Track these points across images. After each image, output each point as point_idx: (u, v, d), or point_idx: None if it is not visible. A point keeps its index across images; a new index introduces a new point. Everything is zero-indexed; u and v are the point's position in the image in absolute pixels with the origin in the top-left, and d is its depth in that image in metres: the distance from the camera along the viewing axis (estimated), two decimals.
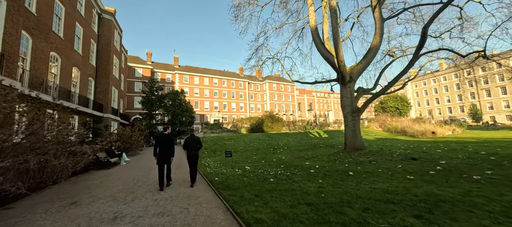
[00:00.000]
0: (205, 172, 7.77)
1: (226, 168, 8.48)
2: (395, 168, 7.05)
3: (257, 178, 6.33)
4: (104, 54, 19.85)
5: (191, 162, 6.11)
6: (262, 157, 11.65)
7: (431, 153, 10.03)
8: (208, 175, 7.17)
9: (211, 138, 19.86)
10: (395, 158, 8.85)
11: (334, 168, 7.48)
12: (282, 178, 6.25)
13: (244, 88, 53.83)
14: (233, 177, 6.61)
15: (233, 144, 16.19)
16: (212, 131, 28.95)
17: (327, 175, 6.45)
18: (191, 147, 6.08)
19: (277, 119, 28.05)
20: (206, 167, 9.02)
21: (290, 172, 6.99)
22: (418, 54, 8.69)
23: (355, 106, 11.26)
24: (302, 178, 6.14)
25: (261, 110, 55.56)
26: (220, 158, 11.83)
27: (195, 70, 49.14)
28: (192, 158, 6.09)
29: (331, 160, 9.33)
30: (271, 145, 16.30)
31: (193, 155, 6.09)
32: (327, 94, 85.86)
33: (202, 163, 10.14)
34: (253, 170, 7.72)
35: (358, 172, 6.57)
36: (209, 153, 14.03)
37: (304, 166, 8.07)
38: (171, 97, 30.44)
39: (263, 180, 6.11)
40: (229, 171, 7.62)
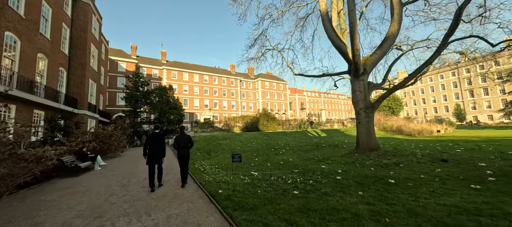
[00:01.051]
0: (202, 180, 6.16)
1: (228, 173, 6.92)
2: (435, 173, 5.89)
3: (274, 189, 4.86)
4: (79, 42, 17.36)
5: (182, 161, 5.91)
6: (265, 158, 10.19)
7: (452, 153, 9.10)
8: (208, 185, 5.58)
9: (203, 137, 18.09)
10: (421, 159, 7.77)
11: (362, 173, 6.19)
12: (307, 188, 4.83)
13: (236, 86, 52.08)
14: (241, 187, 5.08)
15: (229, 144, 14.60)
16: (203, 130, 27.04)
17: (361, 183, 5.12)
18: (181, 145, 5.85)
19: (272, 117, 26.73)
20: (203, 172, 7.39)
21: (312, 180, 5.58)
22: (447, 41, 7.68)
23: (369, 101, 10.14)
24: (332, 189, 4.75)
25: (253, 109, 54.12)
26: (217, 160, 10.21)
27: (184, 66, 46.60)
28: (183, 157, 5.88)
29: (349, 162, 8.07)
30: (271, 145, 14.89)
31: (184, 154, 5.89)
32: (318, 94, 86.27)
33: (196, 167, 8.48)
34: (263, 177, 6.23)
35: (397, 179, 5.30)
36: (202, 154, 12.33)
37: (323, 171, 6.70)
38: (158, 93, 28.11)
39: (282, 192, 4.65)
40: (233, 178, 6.07)
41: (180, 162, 5.93)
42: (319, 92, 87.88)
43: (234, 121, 32.13)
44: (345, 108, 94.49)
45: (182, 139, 5.93)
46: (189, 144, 6.02)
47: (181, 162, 5.92)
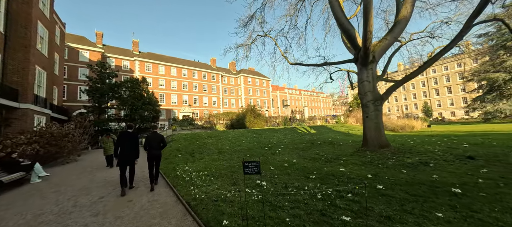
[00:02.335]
0: (190, 198, 4.28)
1: (225, 183, 5.13)
2: (480, 174, 4.87)
3: (306, 212, 3.25)
4: (20, 17, 13.67)
5: (152, 162, 5.59)
6: (264, 160, 8.57)
7: (463, 148, 8.50)
8: (201, 208, 3.74)
9: (183, 136, 15.78)
10: (444, 157, 6.86)
11: (399, 177, 4.92)
12: (353, 208, 3.31)
13: (217, 82, 49.44)
14: (254, 210, 3.37)
15: (215, 144, 12.65)
16: (182, 127, 24.39)
17: (416, 194, 3.78)
18: (152, 145, 5.60)
19: (258, 113, 25.21)
20: (189, 183, 5.47)
21: (347, 191, 4.10)
22: (472, 23, 6.86)
23: (378, 93, 9.11)
24: (387, 206, 3.31)
25: (236, 106, 52.08)
26: (203, 163, 8.29)
27: (159, 58, 42.51)
28: (154, 158, 5.62)
29: (366, 163, 6.85)
30: (263, 143, 13.31)
31: (155, 155, 5.64)
32: (299, 91, 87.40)
33: (178, 175, 6.50)
34: (276, 188, 4.59)
35: (453, 185, 4.07)
36: (184, 156, 10.23)
37: (347, 176, 5.30)
38: (129, 86, 24.60)
39: (321, 216, 3.07)
40: (235, 193, 4.32)
41: (150, 163, 5.55)
42: (300, 90, 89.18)
43: (217, 118, 29.88)
44: (324, 106, 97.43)
45: (154, 139, 5.63)
46: (161, 144, 5.75)
47: (151, 163, 5.56)
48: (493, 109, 28.74)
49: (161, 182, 6.14)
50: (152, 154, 5.54)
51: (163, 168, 7.97)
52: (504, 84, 27.46)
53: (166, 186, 5.66)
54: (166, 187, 5.51)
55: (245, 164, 2.99)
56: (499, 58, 28.93)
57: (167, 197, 4.70)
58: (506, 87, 27.86)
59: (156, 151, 5.59)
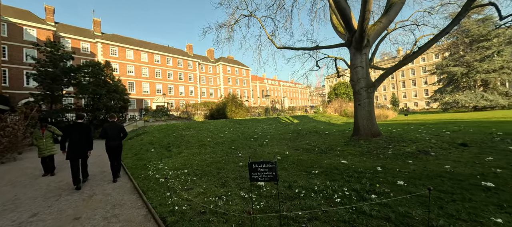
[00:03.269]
0: (169, 211, 3.16)
1: (212, 185, 4.08)
2: (486, 162, 4.62)
3: (332, 226, 2.41)
4: None
5: (111, 153, 5.26)
6: (252, 152, 7.65)
7: (447, 136, 8.65)
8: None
9: (157, 127, 14.01)
10: (438, 145, 6.71)
11: (410, 170, 4.41)
12: (387, 214, 2.57)
13: (194, 70, 46.46)
14: None
15: (195, 135, 11.29)
16: (156, 118, 22.12)
17: (444, 191, 3.21)
18: (110, 136, 5.22)
19: (240, 103, 24.03)
20: (166, 187, 4.28)
21: (365, 189, 3.39)
22: (470, 6, 6.60)
23: (370, 80, 8.71)
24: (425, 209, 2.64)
25: (214, 96, 49.94)
26: (182, 159, 7.05)
27: (127, 42, 37.96)
28: (113, 149, 5.26)
29: (365, 153, 6.38)
30: (248, 134, 12.36)
31: (115, 146, 5.29)
32: (278, 82, 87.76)
33: (150, 176, 5.23)
34: (278, 189, 3.69)
35: (483, 177, 3.64)
36: (159, 150, 8.79)
37: (353, 169, 4.65)
38: (90, 71, 21.25)
39: None
40: (227, 200, 3.31)
41: (109, 154, 5.31)
42: (279, 81, 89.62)
43: (195, 108, 27.95)
44: (302, 97, 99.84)
45: (111, 129, 5.32)
46: (121, 135, 5.50)
47: (111, 155, 5.30)
48: (451, 100, 31.89)
49: (127, 185, 4.82)
50: (110, 145, 5.24)
51: (131, 166, 6.54)
52: (461, 77, 30.45)
53: (133, 191, 4.38)
54: (132, 193, 4.25)
55: (253, 166, 1.99)
56: (458, 53, 31.88)
57: (133, 209, 3.48)
58: (462, 80, 30.98)
59: (115, 142, 5.29)
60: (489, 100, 27.44)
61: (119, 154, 5.44)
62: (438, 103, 36.26)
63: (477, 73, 28.45)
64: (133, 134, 13.96)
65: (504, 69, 27.02)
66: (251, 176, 1.97)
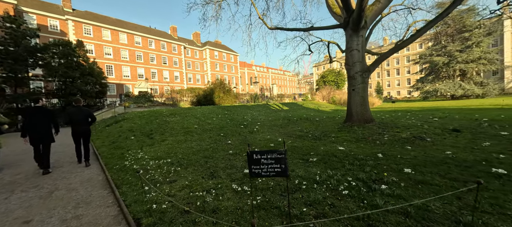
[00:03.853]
0: (146, 210, 2.60)
1: (198, 176, 3.56)
2: (485, 147, 4.52)
3: (344, 225, 2.01)
4: None
5: (78, 139, 5.09)
6: (242, 139, 7.17)
7: (437, 122, 8.75)
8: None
9: (139, 114, 12.98)
10: (434, 131, 6.66)
11: (411, 155, 4.18)
12: (405, 208, 2.23)
13: (179, 54, 44.03)
14: None
15: (180, 122, 10.52)
16: (138, 104, 20.73)
17: (462, 181, 2.97)
18: (76, 121, 5.02)
19: (228, 89, 23.18)
20: (145, 180, 3.68)
21: (372, 179, 3.06)
22: None
23: (366, 64, 8.40)
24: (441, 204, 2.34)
25: (201, 82, 48.18)
26: (166, 147, 6.41)
27: (102, 20, 34.60)
28: (79, 135, 5.08)
29: (360, 139, 6.15)
30: (237, 121, 11.81)
31: (82, 131, 5.10)
32: (266, 69, 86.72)
33: (127, 166, 4.58)
34: (275, 180, 3.26)
35: (492, 163, 3.45)
36: (140, 138, 8.01)
37: (351, 156, 4.35)
38: (60, 51, 19.07)
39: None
40: (218, 194, 2.83)
41: (76, 140, 5.11)
42: (268, 68, 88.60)
43: (181, 94, 26.68)
44: (290, 84, 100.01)
45: (76, 113, 5.07)
46: (90, 120, 5.28)
47: (77, 141, 5.11)
48: (432, 89, 33.31)
49: (98, 178, 4.16)
50: (77, 130, 5.04)
51: (106, 156, 5.80)
52: (442, 67, 31.67)
53: (104, 185, 3.74)
54: (103, 188, 3.61)
55: (254, 157, 1.47)
56: (441, 43, 32.92)
57: (101, 207, 2.88)
58: (443, 70, 32.28)
59: (82, 127, 5.09)
60: (466, 90, 29.00)
61: (87, 140, 5.26)
62: (419, 92, 37.81)
63: (457, 63, 29.69)
64: (112, 120, 12.85)
65: (481, 59, 28.40)
66: (251, 170, 1.46)
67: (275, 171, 1.45)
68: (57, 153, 6.77)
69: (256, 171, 1.47)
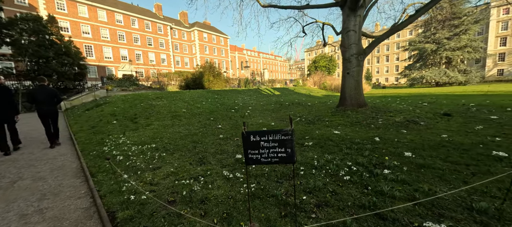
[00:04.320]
0: (123, 202, 2.25)
1: (185, 162, 3.24)
2: (478, 130, 4.51)
3: (350, 214, 1.79)
4: None
5: (45, 120, 4.87)
6: (233, 123, 6.85)
7: (427, 107, 8.84)
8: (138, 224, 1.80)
9: (122, 97, 12.16)
10: (426, 115, 6.66)
11: (408, 139, 4.07)
12: (412, 194, 2.05)
13: (166, 35, 41.57)
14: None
15: (167, 105, 9.94)
16: (122, 88, 19.57)
17: (464, 164, 2.88)
18: (41, 101, 4.78)
19: (218, 73, 22.35)
20: (124, 167, 3.31)
21: (371, 163, 2.89)
22: None
23: (362, 47, 8.12)
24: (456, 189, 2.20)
25: (190, 65, 46.31)
26: (151, 132, 5.97)
27: None
28: (46, 115, 4.85)
29: (354, 123, 6.03)
30: (227, 105, 11.37)
31: (48, 112, 4.88)
32: (257, 54, 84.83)
33: (106, 153, 4.15)
34: (270, 166, 3.00)
35: (489, 147, 3.38)
36: (122, 123, 7.44)
37: (348, 140, 4.18)
38: (29, 27, 17.15)
39: (377, 218, 1.66)
40: (207, 181, 2.52)
41: (43, 122, 4.86)
42: (259, 52, 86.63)
43: (168, 78, 25.48)
44: (282, 70, 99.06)
45: (41, 93, 4.81)
46: (55, 100, 5.01)
47: (45, 122, 4.88)
48: (418, 76, 34.17)
49: (72, 165, 3.71)
50: (42, 111, 4.81)
51: (83, 141, 5.29)
52: (430, 54, 32.29)
53: (78, 173, 3.32)
54: (76, 176, 3.20)
55: (251, 139, 1.13)
56: (431, 31, 33.28)
57: (72, 199, 2.50)
58: (430, 57, 32.96)
59: (47, 107, 4.86)
60: (450, 77, 30.00)
61: (55, 121, 5.11)
62: (406, 79, 38.74)
63: (444, 51, 30.34)
64: (92, 104, 11.98)
65: (467, 47, 29.16)
66: (247, 155, 1.14)
67: (278, 157, 1.14)
68: (27, 139, 6.12)
69: (254, 157, 1.15)
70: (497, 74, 38.29)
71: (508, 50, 36.78)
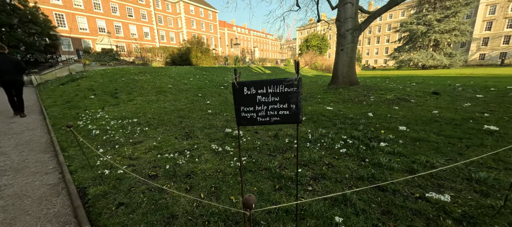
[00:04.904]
0: (96, 177, 1.98)
1: (170, 135, 2.97)
2: (468, 108, 4.57)
3: (348, 186, 1.67)
4: None
5: (9, 90, 4.62)
6: (222, 100, 6.54)
7: (414, 87, 8.96)
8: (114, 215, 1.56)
9: (101, 71, 11.22)
10: (416, 93, 6.70)
11: (408, 116, 4.04)
12: (411, 166, 1.96)
13: (148, 5, 38.17)
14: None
15: (151, 81, 9.28)
16: (101, 62, 18.09)
17: (457, 138, 2.85)
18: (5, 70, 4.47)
19: (206, 49, 21.19)
20: (101, 141, 2.99)
21: (361, 135, 2.79)
22: None
23: (358, 22, 7.79)
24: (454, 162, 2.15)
25: (176, 41, 43.63)
26: (133, 107, 5.54)
27: None
28: (10, 85, 4.59)
29: (346, 100, 5.95)
30: (216, 82, 10.88)
31: (13, 81, 4.58)
32: (248, 31, 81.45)
33: (79, 127, 3.75)
34: (263, 140, 2.83)
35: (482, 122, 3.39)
36: (101, 98, 6.85)
37: (342, 115, 4.08)
38: None
39: (379, 191, 1.55)
40: (196, 158, 2.30)
41: (7, 91, 4.61)
42: (249, 30, 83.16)
43: (153, 53, 23.83)
44: (272, 49, 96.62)
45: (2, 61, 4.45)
46: (18, 68, 4.66)
47: (8, 92, 4.62)
48: (406, 58, 34.70)
49: (41, 140, 3.32)
50: (7, 79, 4.52)
51: (56, 116, 4.80)
52: (420, 36, 32.52)
53: (47, 148, 2.97)
54: (45, 151, 2.85)
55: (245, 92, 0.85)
56: (422, 12, 33.13)
57: (37, 175, 2.20)
58: (419, 39, 33.26)
59: (10, 76, 4.54)
60: (436, 60, 30.74)
61: (20, 92, 4.77)
62: (394, 61, 39.29)
63: (434, 33, 30.63)
64: (68, 79, 10.99)
65: (455, 30, 29.57)
66: (239, 113, 0.88)
67: (280, 115, 0.87)
68: None
69: (248, 116, 0.89)
70: (478, 58, 39.82)
71: (492, 35, 37.91)
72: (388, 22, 54.28)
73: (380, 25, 56.33)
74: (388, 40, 55.05)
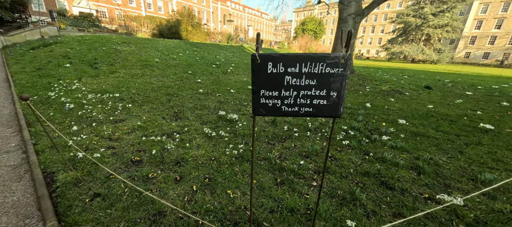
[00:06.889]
0: (66, 161, 1.69)
1: (159, 118, 2.68)
2: (460, 105, 4.63)
3: (352, 183, 1.54)
4: None
5: None
6: (214, 80, 6.17)
7: (407, 80, 9.05)
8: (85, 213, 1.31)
9: (79, 38, 10.12)
10: (409, 86, 6.72)
11: (404, 109, 4.00)
12: (416, 163, 1.87)
13: None
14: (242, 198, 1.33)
15: (136, 52, 8.50)
16: (79, 28, 16.35)
17: (455, 134, 2.83)
18: None
19: (198, 23, 19.85)
20: (75, 117, 2.62)
21: (362, 126, 2.69)
22: None
23: (361, 6, 7.44)
24: (452, 158, 2.09)
25: (164, 11, 40.45)
26: (115, 80, 5.05)
27: None
28: None
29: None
30: (208, 60, 10.25)
31: None
32: (242, 8, 77.36)
33: (50, 99, 3.30)
34: (258, 126, 2.62)
35: (477, 120, 3.41)
36: (78, 67, 6.16)
37: None
38: None
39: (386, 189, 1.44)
40: (186, 142, 2.05)
41: None
42: (244, 6, 78.97)
43: (138, 23, 21.98)
44: (267, 30, 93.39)
45: None
46: None
47: None
48: (398, 51, 35.11)
49: (3, 112, 2.88)
50: None
51: (25, 85, 4.23)
52: (414, 28, 32.69)
53: (10, 122, 2.56)
54: (8, 126, 2.46)
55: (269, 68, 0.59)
56: (420, 4, 32.96)
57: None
58: (413, 32, 33.50)
59: None
60: (426, 54, 31.43)
61: None
62: (386, 52, 39.70)
63: (427, 27, 30.88)
64: (39, 43, 9.83)
65: (447, 26, 29.98)
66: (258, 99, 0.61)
67: (313, 105, 0.61)
68: None
69: (269, 103, 0.61)
70: (464, 56, 41.28)
71: (480, 34, 39.03)
72: (385, 11, 53.78)
73: (377, 14, 55.76)
74: (382, 30, 55.02)
